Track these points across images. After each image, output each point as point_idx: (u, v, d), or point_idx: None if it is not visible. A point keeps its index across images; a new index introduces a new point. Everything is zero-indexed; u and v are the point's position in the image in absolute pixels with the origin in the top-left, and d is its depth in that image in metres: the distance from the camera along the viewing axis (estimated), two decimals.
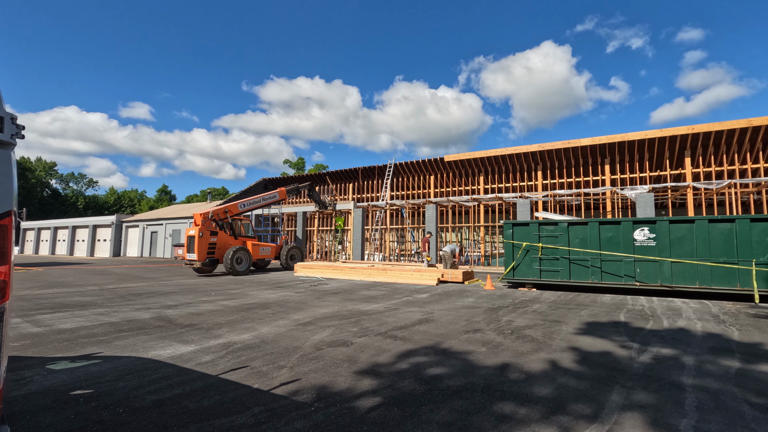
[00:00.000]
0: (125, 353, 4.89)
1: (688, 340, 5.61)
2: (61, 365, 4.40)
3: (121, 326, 6.46)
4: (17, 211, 1.91)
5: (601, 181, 22.28)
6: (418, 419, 3.08)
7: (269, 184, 35.68)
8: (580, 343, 5.45)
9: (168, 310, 8.11)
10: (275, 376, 4.05)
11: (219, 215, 17.79)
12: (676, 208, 25.10)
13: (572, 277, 11.30)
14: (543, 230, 11.88)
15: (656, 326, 6.55)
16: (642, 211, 17.29)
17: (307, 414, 3.15)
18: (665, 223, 10.29)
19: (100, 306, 8.58)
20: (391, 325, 6.63)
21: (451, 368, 4.32)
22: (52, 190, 77.36)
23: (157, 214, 41.77)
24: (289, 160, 73.22)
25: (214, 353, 4.89)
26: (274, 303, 9.08)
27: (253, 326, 6.50)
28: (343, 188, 31.36)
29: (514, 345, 5.31)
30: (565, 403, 3.38)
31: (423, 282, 13.66)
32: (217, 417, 3.10)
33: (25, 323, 6.70)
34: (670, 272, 10.10)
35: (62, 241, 46.10)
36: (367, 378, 4.00)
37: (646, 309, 8.26)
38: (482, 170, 25.71)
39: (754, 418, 3.14)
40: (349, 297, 10.16)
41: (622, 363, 4.54)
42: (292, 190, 21.60)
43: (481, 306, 8.71)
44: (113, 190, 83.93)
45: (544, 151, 22.54)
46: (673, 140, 19.46)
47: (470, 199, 21.26)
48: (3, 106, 1.82)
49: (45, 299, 9.56)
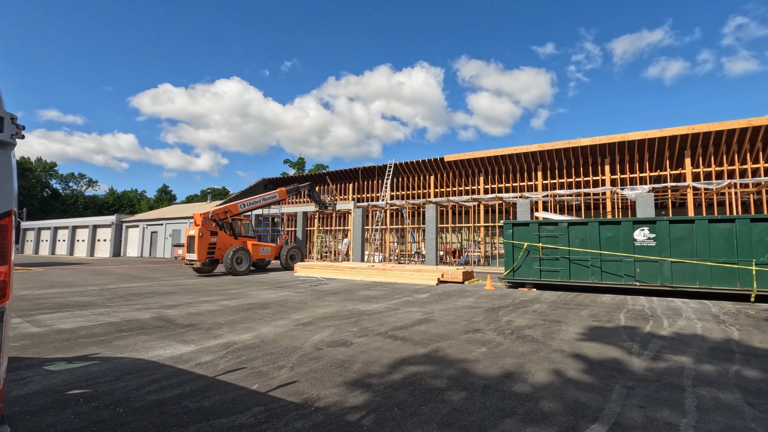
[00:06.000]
0: (125, 353, 4.89)
1: (688, 340, 5.61)
2: (61, 365, 4.40)
3: (121, 326, 6.47)
4: (17, 211, 1.91)
5: (601, 181, 22.29)
6: (418, 419, 3.08)
7: (269, 184, 35.70)
8: (580, 343, 5.45)
9: (168, 310, 8.11)
10: (275, 376, 4.05)
11: (219, 215, 17.80)
12: (676, 208, 25.11)
13: (572, 277, 11.30)
14: (543, 230, 11.88)
15: (656, 326, 6.55)
16: (642, 211, 17.29)
17: (307, 414, 3.15)
18: (665, 223, 10.29)
19: (100, 306, 8.58)
20: (391, 325, 6.64)
21: (452, 368, 4.32)
22: (52, 190, 77.37)
23: (157, 214, 41.79)
24: (289, 160, 73.35)
25: (214, 353, 4.89)
26: (274, 303, 9.08)
27: (253, 326, 6.50)
28: (343, 188, 31.37)
29: (514, 345, 5.31)
30: (565, 403, 3.38)
31: (423, 282, 13.67)
32: (217, 417, 3.10)
33: (25, 323, 6.70)
34: (670, 272, 10.10)
35: (62, 241, 46.12)
36: (368, 378, 4.00)
37: (646, 309, 8.26)
38: (482, 170, 25.72)
39: (754, 418, 3.14)
40: (349, 297, 10.16)
41: (621, 363, 4.54)
42: (292, 190, 21.62)
43: (481, 306, 8.71)
44: (113, 191, 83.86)
45: (544, 151, 22.55)
46: (673, 140, 19.47)
47: (470, 199, 21.26)
48: (3, 106, 1.82)
49: (45, 299, 9.56)
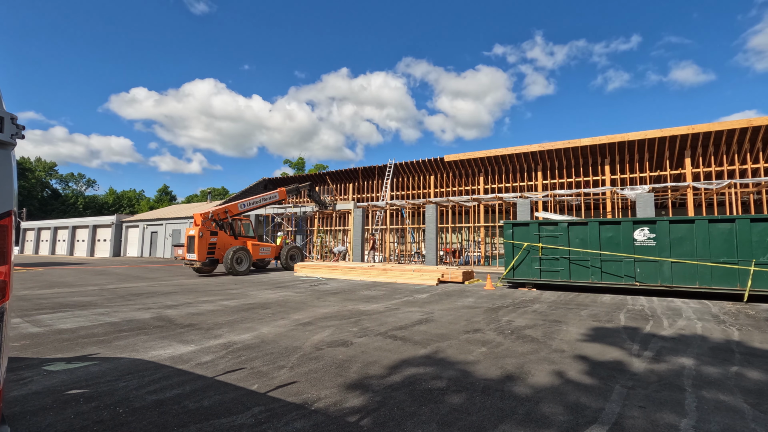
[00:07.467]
0: (125, 353, 4.89)
1: (688, 340, 5.61)
2: (61, 365, 4.40)
3: (121, 326, 6.46)
4: (17, 211, 1.91)
5: (601, 181, 22.29)
6: (418, 419, 3.08)
7: (269, 184, 35.71)
8: (580, 343, 5.45)
9: (168, 310, 8.11)
10: (275, 376, 4.05)
11: (219, 215, 17.81)
12: (676, 208, 25.11)
13: (572, 277, 11.30)
14: (543, 230, 11.88)
15: (656, 326, 6.55)
16: (642, 211, 17.29)
17: (307, 414, 3.15)
18: (665, 223, 10.29)
19: (100, 306, 8.57)
20: (391, 325, 6.64)
21: (452, 368, 4.32)
22: (52, 190, 77.37)
23: (157, 214, 41.80)
24: (289, 160, 73.23)
25: (214, 353, 4.89)
26: (274, 303, 9.08)
27: (253, 326, 6.50)
28: (343, 188, 31.37)
29: (515, 345, 5.31)
30: (565, 403, 3.38)
31: (423, 282, 13.67)
32: (217, 417, 3.10)
33: (25, 323, 6.70)
34: (670, 272, 10.10)
35: (62, 241, 46.12)
36: (367, 378, 4.00)
37: (646, 309, 8.26)
38: (482, 170, 25.73)
39: (754, 418, 3.14)
40: (349, 297, 10.16)
41: (622, 363, 4.54)
42: (292, 190, 21.62)
43: (481, 306, 8.71)
44: (113, 191, 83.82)
45: (544, 151, 22.56)
46: (673, 140, 19.47)
47: (470, 199, 21.26)
48: (3, 106, 1.82)
49: (45, 299, 9.56)
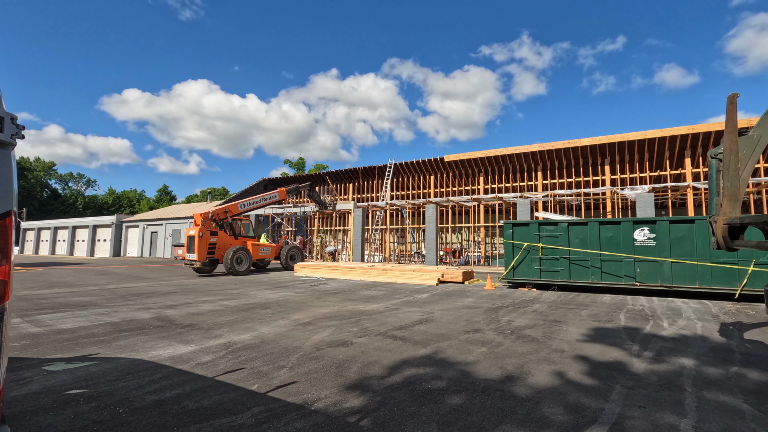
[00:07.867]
0: (125, 353, 4.89)
1: (688, 341, 5.61)
2: (61, 365, 4.40)
3: (121, 326, 6.46)
4: (17, 211, 1.91)
5: (601, 181, 22.30)
6: (418, 419, 3.08)
7: (269, 184, 35.71)
8: (580, 343, 5.45)
9: (168, 310, 8.11)
10: (275, 376, 4.05)
11: (219, 215, 17.81)
12: (676, 208, 25.11)
13: (572, 277, 11.29)
14: (543, 230, 11.88)
15: (656, 326, 6.55)
16: (642, 211, 17.29)
17: (307, 414, 3.15)
18: (665, 223, 10.28)
19: (100, 306, 8.57)
20: (391, 325, 6.63)
21: (452, 369, 4.32)
22: (51, 190, 77.35)
23: (157, 214, 41.80)
24: (289, 160, 73.19)
25: (214, 353, 4.89)
26: (274, 303, 9.08)
27: (253, 326, 6.50)
28: (343, 188, 31.37)
29: (515, 345, 5.31)
30: (565, 403, 3.38)
31: (423, 282, 13.67)
32: (217, 417, 3.10)
33: (25, 323, 6.70)
34: (670, 272, 10.10)
35: (62, 241, 46.11)
36: (367, 378, 4.00)
37: (646, 309, 8.26)
38: (482, 170, 25.73)
39: (754, 418, 3.14)
40: (349, 297, 10.15)
41: (621, 363, 4.54)
42: (292, 190, 21.62)
43: (481, 306, 8.71)
44: (112, 191, 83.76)
45: (544, 151, 22.56)
46: (673, 140, 19.48)
47: (470, 199, 21.26)
48: (3, 106, 1.82)
49: (45, 299, 9.56)
